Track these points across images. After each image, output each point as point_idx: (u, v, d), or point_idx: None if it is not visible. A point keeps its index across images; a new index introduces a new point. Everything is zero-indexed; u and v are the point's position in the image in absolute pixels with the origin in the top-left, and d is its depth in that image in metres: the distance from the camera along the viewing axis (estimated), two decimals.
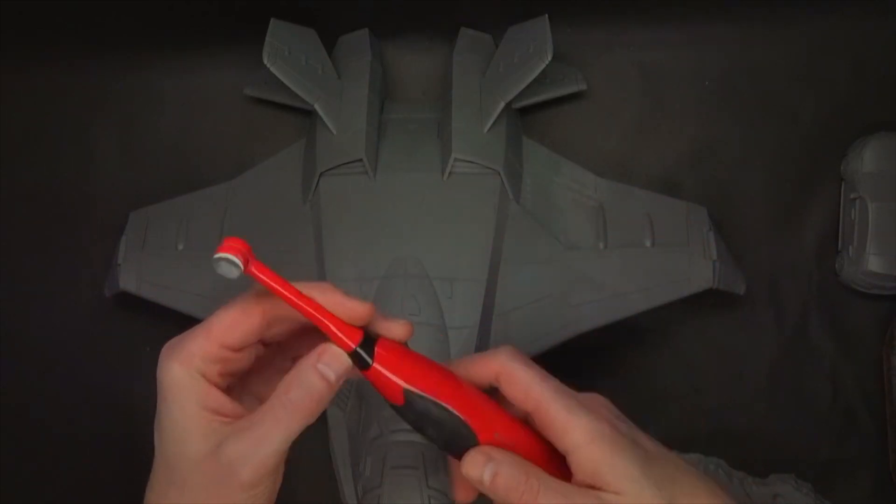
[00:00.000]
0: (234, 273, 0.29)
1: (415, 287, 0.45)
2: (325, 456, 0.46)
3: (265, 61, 0.49)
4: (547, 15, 0.50)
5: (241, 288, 0.49)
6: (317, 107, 0.50)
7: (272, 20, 0.51)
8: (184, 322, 0.50)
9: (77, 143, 0.58)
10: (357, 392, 0.44)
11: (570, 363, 0.53)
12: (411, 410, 0.31)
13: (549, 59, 0.48)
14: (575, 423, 0.30)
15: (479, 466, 0.30)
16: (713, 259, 0.49)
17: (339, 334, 0.30)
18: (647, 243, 0.50)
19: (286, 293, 0.30)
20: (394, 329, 0.32)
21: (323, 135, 0.51)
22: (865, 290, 0.54)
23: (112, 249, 0.53)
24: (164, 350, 0.32)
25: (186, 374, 0.30)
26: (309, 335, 0.32)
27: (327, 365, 0.30)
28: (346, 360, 0.30)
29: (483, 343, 0.46)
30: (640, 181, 0.54)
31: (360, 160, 0.49)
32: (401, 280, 0.46)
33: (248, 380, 0.33)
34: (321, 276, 0.47)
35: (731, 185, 0.56)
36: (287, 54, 0.50)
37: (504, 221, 0.49)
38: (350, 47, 0.55)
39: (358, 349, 0.30)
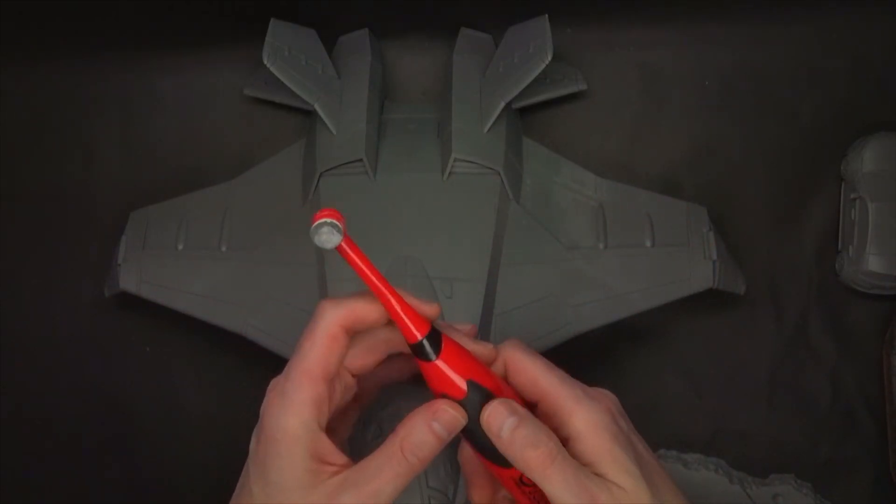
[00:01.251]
0: (333, 241, 0.29)
1: (415, 287, 0.45)
2: None
3: (265, 61, 0.49)
4: (547, 15, 0.50)
5: (238, 289, 0.49)
6: (317, 107, 0.50)
7: (272, 20, 0.51)
8: (184, 322, 0.50)
9: (77, 143, 0.58)
10: None
11: (570, 363, 0.54)
12: (470, 402, 0.31)
13: (549, 59, 0.48)
14: (580, 411, 0.30)
15: (501, 416, 0.30)
16: (713, 259, 0.49)
17: (409, 323, 0.31)
18: (647, 243, 0.50)
19: (369, 273, 0.30)
20: (455, 331, 0.33)
21: (323, 135, 0.51)
22: (865, 290, 0.54)
23: (112, 249, 0.53)
24: (269, 403, 0.30)
25: (303, 426, 0.30)
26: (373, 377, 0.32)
27: (440, 423, 0.30)
28: (459, 420, 0.30)
29: None
30: (640, 181, 0.54)
31: (360, 160, 0.49)
32: (401, 280, 0.45)
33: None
34: (321, 276, 0.47)
35: (731, 185, 0.56)
36: (287, 54, 0.50)
37: (504, 221, 0.49)
38: (350, 47, 0.55)
39: (424, 341, 0.31)
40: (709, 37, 0.56)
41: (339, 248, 0.30)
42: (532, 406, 0.32)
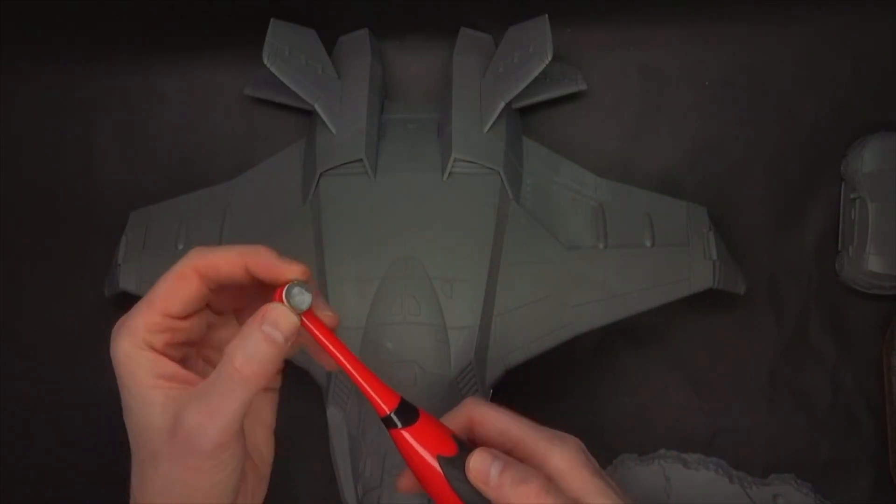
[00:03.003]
0: (305, 303, 0.30)
1: (415, 287, 0.45)
2: (325, 456, 0.46)
3: (265, 61, 0.49)
4: (547, 15, 0.50)
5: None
6: (317, 107, 0.50)
7: (272, 20, 0.51)
8: None
9: (77, 143, 0.58)
10: (357, 393, 0.44)
11: (571, 363, 0.54)
12: (448, 472, 0.31)
13: (549, 59, 0.48)
14: (556, 451, 0.32)
15: (486, 463, 0.31)
16: (713, 259, 0.49)
17: (376, 397, 0.31)
18: (647, 243, 0.50)
19: (333, 349, 0.31)
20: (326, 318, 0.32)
21: (323, 135, 0.51)
22: (865, 290, 0.54)
23: (112, 249, 0.53)
24: (113, 329, 0.32)
25: (135, 347, 0.30)
26: (261, 298, 0.31)
27: (273, 325, 0.29)
28: (293, 319, 0.30)
29: (483, 343, 0.46)
30: (640, 181, 0.54)
31: (360, 160, 0.49)
32: (401, 280, 0.46)
33: (204, 349, 0.34)
34: (321, 276, 0.47)
35: (731, 185, 0.56)
36: (287, 54, 0.50)
37: (504, 221, 0.49)
38: (350, 47, 0.55)
39: (392, 415, 0.31)
40: (709, 37, 0.56)
41: (306, 315, 0.30)
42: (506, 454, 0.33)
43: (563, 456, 0.31)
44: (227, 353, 0.29)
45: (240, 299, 0.34)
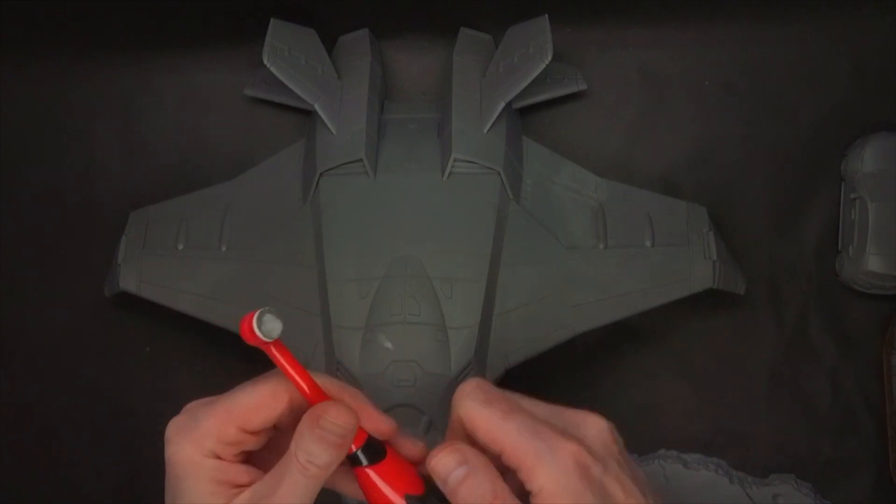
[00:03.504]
0: (276, 331, 0.29)
1: (415, 287, 0.45)
2: None
3: (265, 61, 0.49)
4: (547, 15, 0.50)
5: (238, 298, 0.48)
6: (317, 107, 0.50)
7: (272, 20, 0.51)
8: (184, 322, 0.50)
9: (77, 143, 0.58)
10: None
11: (571, 363, 0.54)
12: None
13: (549, 59, 0.48)
14: (541, 468, 0.28)
15: (450, 465, 0.29)
16: (713, 259, 0.49)
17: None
18: (647, 243, 0.50)
19: (301, 378, 0.30)
20: (407, 447, 0.31)
21: (323, 135, 0.51)
22: (865, 290, 0.54)
23: (112, 249, 0.53)
24: (172, 426, 0.30)
25: (199, 454, 0.29)
26: None
27: (326, 429, 0.29)
28: (349, 419, 0.29)
29: (483, 343, 0.46)
30: (640, 181, 0.54)
31: (360, 160, 0.49)
32: (401, 280, 0.46)
33: (258, 455, 0.32)
34: (321, 275, 0.47)
35: (731, 185, 0.56)
36: (287, 54, 0.50)
37: (504, 221, 0.49)
38: (350, 47, 0.55)
39: (358, 452, 0.30)
40: (709, 37, 0.56)
41: (275, 344, 0.30)
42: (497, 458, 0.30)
43: (549, 475, 0.28)
44: (290, 452, 0.29)
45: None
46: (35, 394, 0.56)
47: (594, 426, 0.30)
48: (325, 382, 0.31)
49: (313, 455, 0.28)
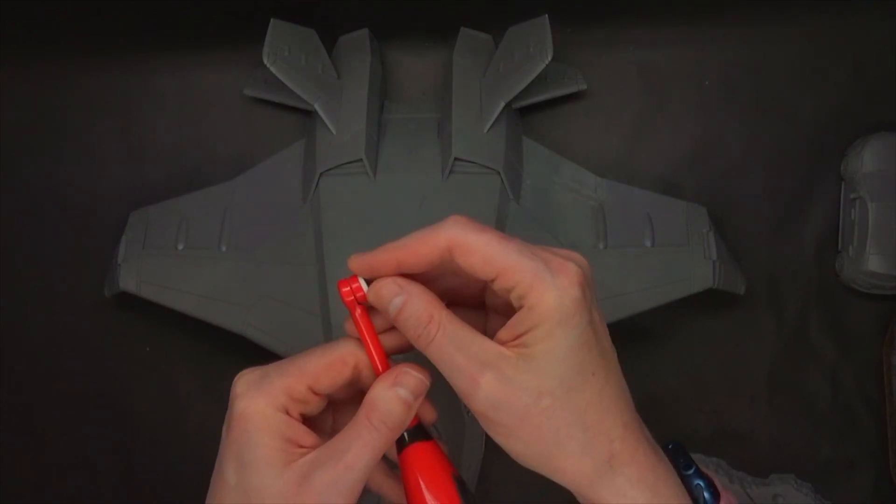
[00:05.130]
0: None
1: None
2: None
3: (265, 61, 0.49)
4: (547, 15, 0.50)
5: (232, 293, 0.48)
6: (317, 107, 0.50)
7: (272, 20, 0.51)
8: (184, 322, 0.50)
9: (78, 143, 0.58)
10: None
11: None
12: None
13: (549, 59, 0.48)
14: (542, 288, 0.28)
15: (388, 295, 0.30)
16: (713, 259, 0.49)
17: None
18: (647, 243, 0.50)
19: (374, 346, 0.31)
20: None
21: (323, 135, 0.51)
22: (865, 290, 0.54)
23: (112, 249, 0.53)
24: (242, 381, 0.31)
25: (271, 407, 0.30)
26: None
27: (405, 388, 0.30)
28: (424, 382, 0.30)
29: None
30: (640, 181, 0.54)
31: (360, 160, 0.49)
32: None
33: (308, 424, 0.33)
34: (321, 275, 0.47)
35: (731, 185, 0.56)
36: (287, 54, 0.50)
37: (504, 221, 0.49)
38: (350, 47, 0.55)
39: (410, 431, 0.31)
40: (709, 37, 0.56)
41: (361, 309, 0.31)
42: (490, 283, 0.30)
43: (547, 292, 0.28)
44: (363, 410, 0.30)
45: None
46: (35, 394, 0.56)
47: (580, 260, 0.30)
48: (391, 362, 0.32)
49: (389, 414, 0.29)
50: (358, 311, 0.31)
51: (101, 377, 0.56)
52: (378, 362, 0.31)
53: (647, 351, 0.55)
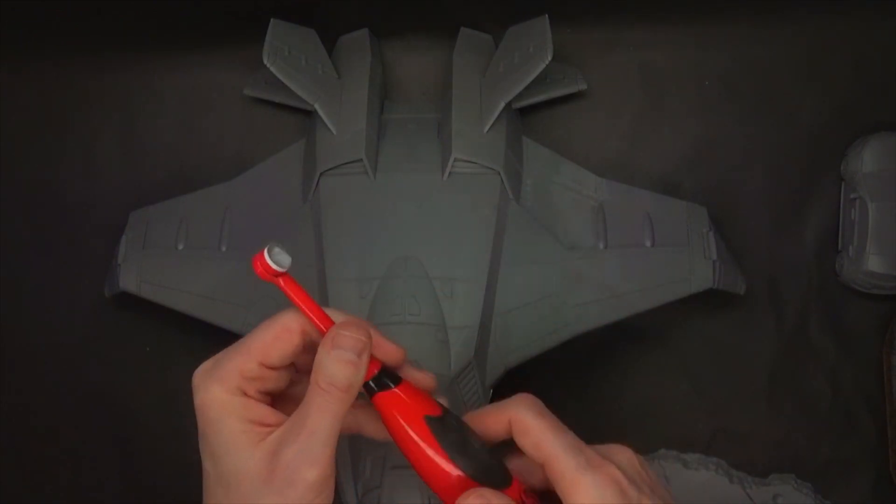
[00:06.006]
0: (286, 262, 0.31)
1: (415, 287, 0.45)
2: None
3: (265, 61, 0.49)
4: (547, 15, 0.50)
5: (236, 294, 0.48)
6: (317, 107, 0.50)
7: (272, 20, 0.51)
8: (184, 322, 0.50)
9: (77, 143, 0.58)
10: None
11: (571, 363, 0.54)
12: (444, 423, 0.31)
13: (549, 59, 0.48)
14: (581, 485, 0.29)
15: None
16: (713, 259, 0.49)
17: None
18: (647, 243, 0.50)
19: (309, 309, 0.31)
20: (420, 379, 0.33)
21: (323, 135, 0.51)
22: (865, 290, 0.54)
23: (112, 249, 0.53)
24: (198, 374, 0.32)
25: (227, 392, 0.30)
26: None
27: (343, 349, 0.30)
28: (361, 339, 0.31)
29: (483, 343, 0.46)
30: (640, 181, 0.54)
31: (360, 160, 0.49)
32: (401, 280, 0.46)
33: (283, 402, 0.33)
34: (321, 275, 0.47)
35: (732, 185, 0.56)
36: (287, 54, 0.50)
37: (504, 221, 0.49)
38: (350, 47, 0.55)
39: (372, 381, 0.31)
40: (709, 37, 0.56)
41: (284, 278, 0.31)
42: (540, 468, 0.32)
43: (586, 492, 0.29)
44: (314, 377, 0.30)
45: None
46: (35, 394, 0.56)
47: (623, 454, 0.32)
48: (333, 314, 0.32)
49: (334, 377, 0.30)
50: (281, 282, 0.31)
51: (101, 377, 0.56)
52: (319, 324, 0.31)
53: (646, 351, 0.55)
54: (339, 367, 0.30)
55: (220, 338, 0.49)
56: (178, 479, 0.55)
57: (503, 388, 0.47)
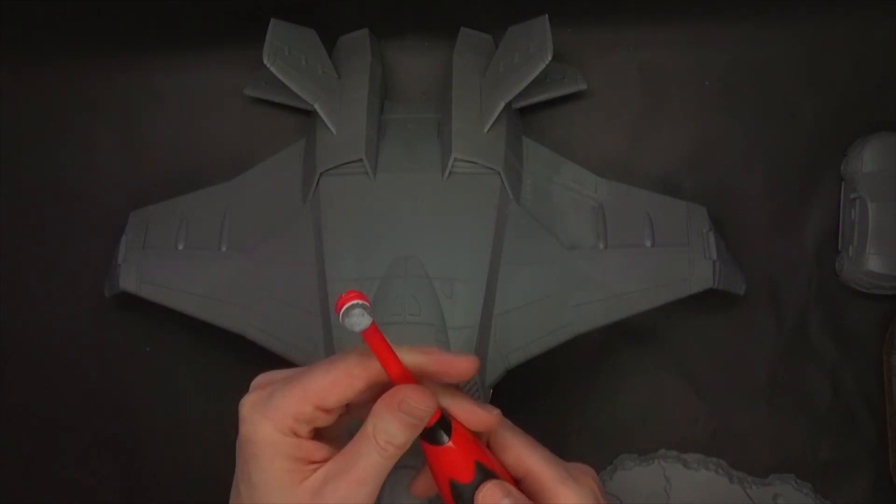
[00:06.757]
0: (363, 323, 0.29)
1: (415, 287, 0.45)
2: None
3: (265, 61, 0.49)
4: (547, 15, 0.50)
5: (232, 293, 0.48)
6: (317, 107, 0.50)
7: (272, 20, 0.51)
8: (184, 322, 0.50)
9: (77, 143, 0.58)
10: None
11: (571, 363, 0.54)
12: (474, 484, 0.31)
13: (549, 59, 0.48)
14: (565, 493, 0.31)
15: (496, 496, 0.31)
16: (713, 259, 0.49)
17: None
18: (647, 243, 0.50)
19: (390, 362, 0.30)
20: (480, 418, 0.32)
21: (323, 135, 0.51)
22: (865, 290, 0.54)
23: (112, 249, 0.53)
24: (247, 404, 0.31)
25: (277, 432, 0.30)
26: None
27: (407, 413, 0.30)
28: (426, 408, 0.30)
29: (483, 343, 0.46)
30: (640, 181, 0.54)
31: (360, 160, 0.49)
32: (401, 280, 0.46)
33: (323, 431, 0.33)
34: (321, 275, 0.47)
35: (731, 185, 0.56)
36: (287, 54, 0.50)
37: (504, 221, 0.49)
38: (350, 47, 0.55)
39: (435, 425, 0.31)
40: (709, 37, 0.56)
41: (365, 333, 0.30)
42: (516, 482, 0.33)
43: (572, 498, 0.31)
44: (370, 425, 0.30)
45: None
46: (35, 394, 0.56)
47: (591, 474, 0.33)
48: (412, 356, 0.31)
49: (393, 436, 0.30)
50: (365, 337, 0.30)
51: (101, 377, 0.56)
52: (393, 374, 0.31)
53: (646, 351, 0.55)
54: (401, 430, 0.30)
55: (220, 338, 0.50)
56: (178, 479, 0.55)
57: (503, 388, 0.47)
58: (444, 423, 0.31)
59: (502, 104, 0.50)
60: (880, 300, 0.54)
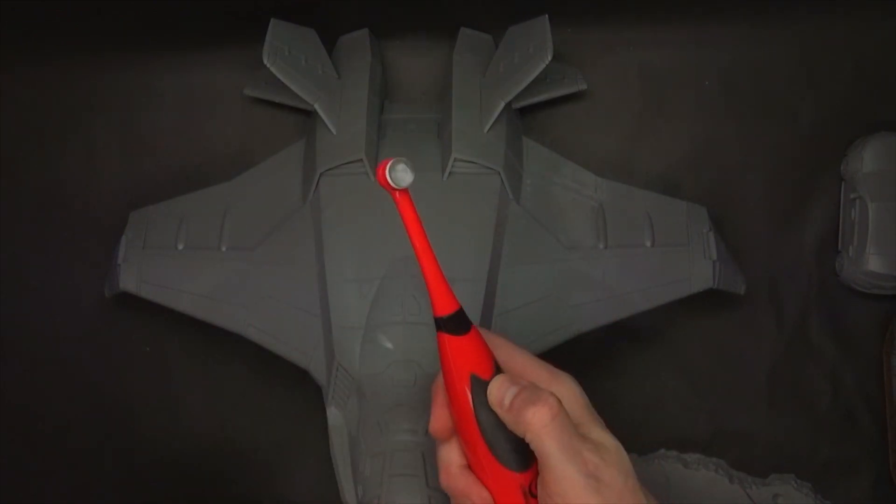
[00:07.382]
0: (407, 179, 0.30)
1: (415, 287, 0.45)
2: (326, 456, 0.46)
3: (265, 61, 0.49)
4: (547, 15, 0.50)
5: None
6: (317, 107, 0.50)
7: (272, 20, 0.51)
8: (184, 322, 0.50)
9: (77, 143, 0.58)
10: (357, 392, 0.44)
11: (571, 363, 0.54)
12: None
13: (549, 59, 0.48)
14: (557, 381, 0.34)
15: (504, 387, 0.32)
16: (713, 259, 0.49)
17: (445, 293, 0.33)
18: (647, 243, 0.50)
19: (418, 237, 0.32)
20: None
21: (323, 135, 0.51)
22: (865, 290, 0.54)
23: (112, 249, 0.53)
24: None
25: None
26: None
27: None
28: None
29: None
30: (640, 181, 0.54)
31: (360, 160, 0.49)
32: (401, 280, 0.45)
33: None
34: (321, 276, 0.47)
35: (731, 185, 0.56)
36: (287, 54, 0.50)
37: (504, 221, 0.49)
38: (350, 47, 0.55)
39: (442, 318, 0.32)
40: (709, 37, 0.56)
41: (402, 194, 0.31)
42: None
43: (564, 385, 0.33)
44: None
45: None
46: (35, 394, 0.56)
47: (569, 376, 0.35)
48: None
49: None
50: (397, 196, 0.31)
51: (101, 377, 0.56)
52: (416, 243, 0.32)
53: (647, 351, 0.55)
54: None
55: (220, 338, 0.50)
56: (178, 479, 0.55)
57: None
58: (464, 316, 0.32)
59: (502, 104, 0.50)
60: (880, 300, 0.54)
